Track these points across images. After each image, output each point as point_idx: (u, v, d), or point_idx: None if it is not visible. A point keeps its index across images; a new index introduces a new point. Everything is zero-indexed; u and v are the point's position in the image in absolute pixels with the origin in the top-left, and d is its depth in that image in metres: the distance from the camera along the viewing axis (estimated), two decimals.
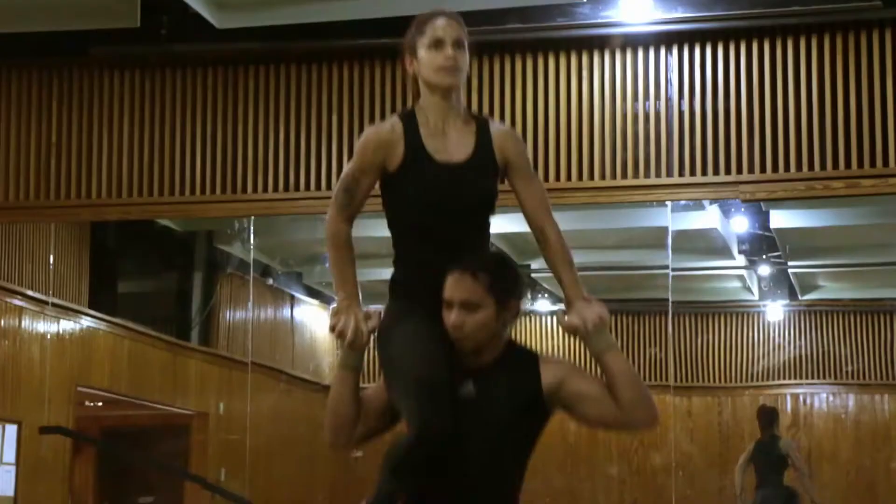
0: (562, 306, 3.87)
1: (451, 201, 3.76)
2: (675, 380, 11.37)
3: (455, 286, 3.69)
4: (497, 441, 3.63)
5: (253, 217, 9.64)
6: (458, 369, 3.65)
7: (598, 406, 3.66)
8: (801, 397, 11.78)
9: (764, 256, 11.46)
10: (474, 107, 8.47)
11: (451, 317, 3.67)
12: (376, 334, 3.77)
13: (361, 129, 8.62)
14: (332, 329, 3.77)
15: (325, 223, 3.89)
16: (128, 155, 8.81)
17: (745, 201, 8.43)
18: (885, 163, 7.92)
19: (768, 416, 10.93)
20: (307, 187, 8.63)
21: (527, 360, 3.74)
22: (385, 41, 8.58)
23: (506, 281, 3.76)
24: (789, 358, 11.89)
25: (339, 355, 3.83)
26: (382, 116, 8.56)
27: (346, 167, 3.95)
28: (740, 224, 11.26)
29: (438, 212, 3.75)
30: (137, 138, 8.82)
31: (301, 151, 8.66)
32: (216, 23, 8.19)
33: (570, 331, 3.73)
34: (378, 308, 3.88)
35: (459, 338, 3.68)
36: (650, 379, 10.97)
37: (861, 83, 8.01)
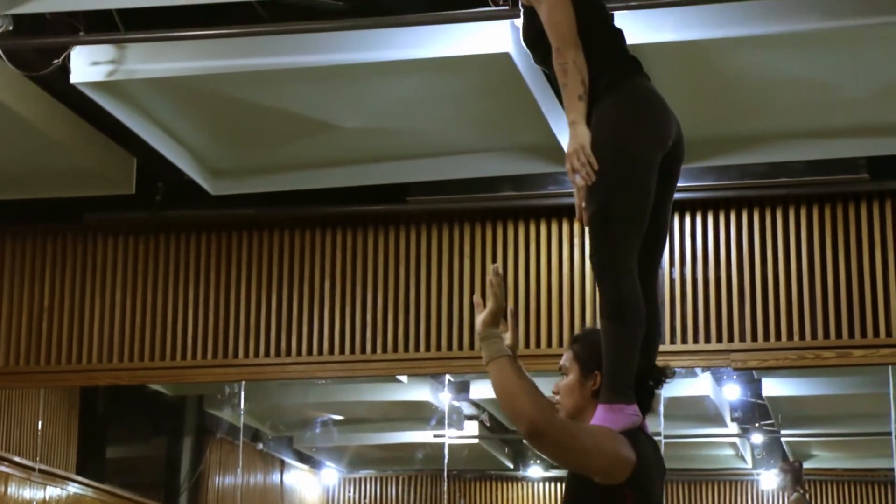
0: (554, 472, 3.89)
1: None
2: None
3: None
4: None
5: (244, 382, 9.61)
6: None
7: None
8: None
9: (756, 424, 11.40)
10: (466, 272, 8.53)
11: None
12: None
13: (354, 296, 8.73)
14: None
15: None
16: (119, 320, 8.82)
17: (736, 369, 8.42)
18: (876, 333, 7.97)
19: None
20: (298, 353, 8.63)
21: None
22: (377, 208, 8.67)
23: (594, 353, 3.78)
24: None
25: (489, 346, 3.71)
26: (374, 282, 8.61)
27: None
28: (732, 392, 11.22)
29: None
30: (129, 303, 8.84)
31: (293, 317, 8.67)
32: (210, 189, 8.27)
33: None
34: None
35: (557, 401, 3.82)
36: None
37: (850, 254, 8.10)
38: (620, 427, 3.62)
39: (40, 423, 10.11)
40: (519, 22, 6.40)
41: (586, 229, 3.81)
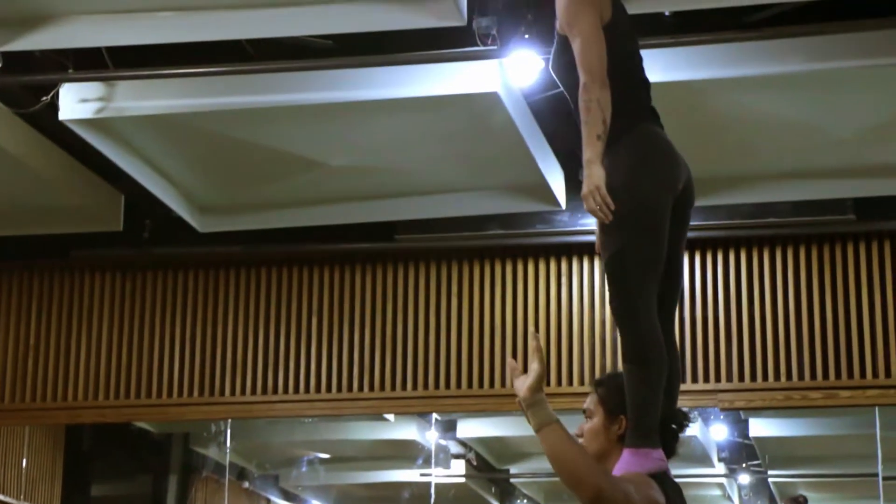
0: None
1: None
2: None
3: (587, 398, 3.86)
4: None
5: (230, 419, 9.58)
6: None
7: None
8: None
9: (744, 465, 11.38)
10: (454, 311, 8.53)
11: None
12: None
13: (341, 334, 8.71)
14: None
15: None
16: (105, 357, 8.79)
17: (723, 409, 8.42)
18: (863, 374, 7.98)
19: None
20: (285, 390, 8.60)
21: None
22: (365, 246, 8.67)
23: (618, 397, 3.77)
24: None
25: (538, 413, 3.65)
26: (362, 320, 8.60)
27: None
28: (720, 432, 11.21)
29: None
30: (116, 341, 8.81)
31: (280, 354, 8.66)
32: (198, 227, 8.27)
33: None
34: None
35: (582, 444, 3.80)
36: None
37: (837, 295, 8.11)
38: (647, 471, 3.63)
39: (25, 460, 10.06)
40: (507, 62, 6.45)
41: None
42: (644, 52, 5.53)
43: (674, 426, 3.80)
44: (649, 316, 3.69)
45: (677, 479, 3.85)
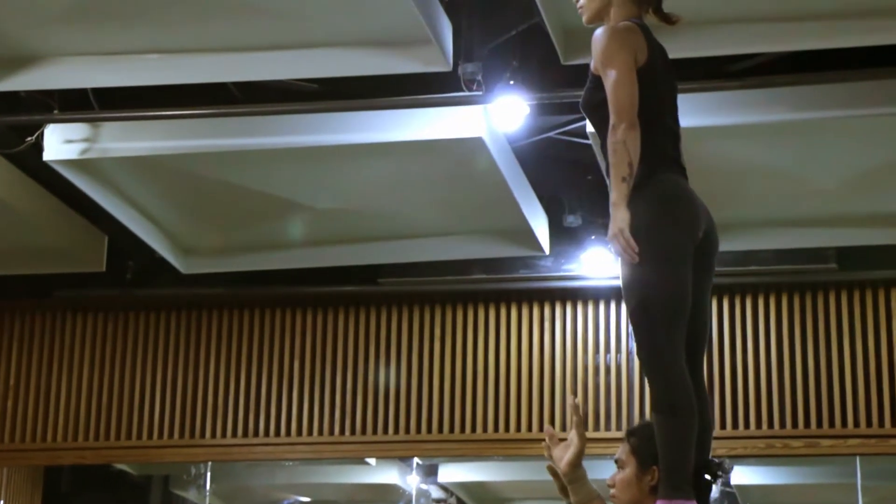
0: None
1: None
2: None
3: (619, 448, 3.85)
4: None
5: (210, 462, 9.54)
6: None
7: None
8: None
9: None
10: (436, 355, 8.52)
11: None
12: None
13: (323, 377, 8.70)
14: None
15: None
16: (86, 398, 8.76)
17: None
18: (844, 423, 7.99)
19: None
20: (266, 433, 8.58)
21: None
22: (348, 289, 8.67)
23: (651, 447, 3.73)
24: None
25: (580, 490, 3.69)
26: (344, 363, 8.59)
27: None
28: None
29: None
30: (97, 381, 8.78)
31: (261, 397, 8.63)
32: (182, 268, 8.26)
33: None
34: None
35: (613, 494, 3.79)
36: None
37: (819, 343, 8.13)
38: None
39: (2, 501, 9.99)
40: (492, 107, 6.47)
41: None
42: None
43: (707, 476, 3.78)
44: (677, 364, 3.66)
45: None
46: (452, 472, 10.24)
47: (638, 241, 3.62)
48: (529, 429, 8.32)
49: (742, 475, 10.50)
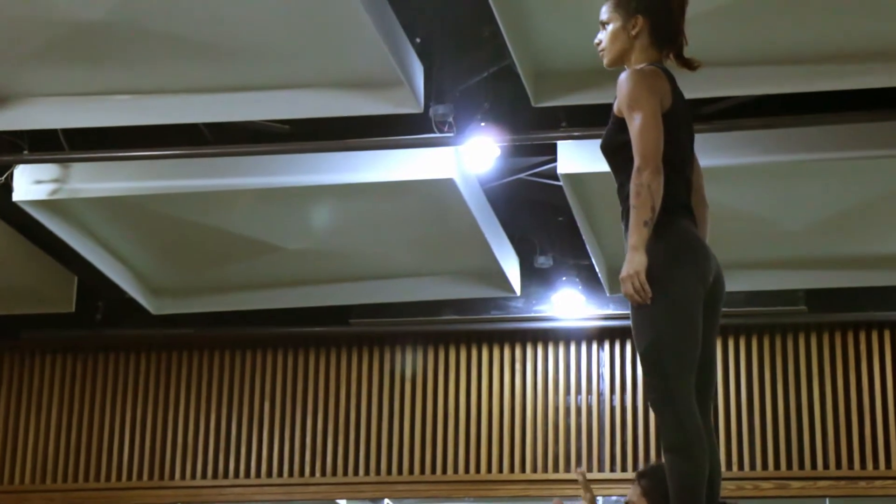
0: None
1: None
2: None
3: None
4: None
5: None
6: None
7: None
8: None
9: None
10: (407, 396, 8.51)
11: None
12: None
13: (293, 417, 8.67)
14: None
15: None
16: (54, 440, 8.70)
17: None
18: (814, 465, 8.00)
19: None
20: (236, 475, 8.53)
21: None
22: (319, 330, 8.65)
23: (662, 488, 3.77)
24: None
25: None
26: (315, 404, 8.56)
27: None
28: None
29: None
30: (65, 423, 8.73)
31: (231, 438, 8.59)
32: (152, 309, 8.22)
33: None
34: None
35: None
36: None
37: (788, 385, 8.16)
38: None
39: None
40: (463, 149, 6.49)
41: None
42: (597, 143, 5.54)
43: None
44: (688, 405, 3.70)
45: None
46: None
47: (652, 286, 3.65)
48: (500, 470, 8.30)
49: None
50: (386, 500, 9.79)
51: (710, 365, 3.91)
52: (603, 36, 3.84)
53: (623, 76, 3.75)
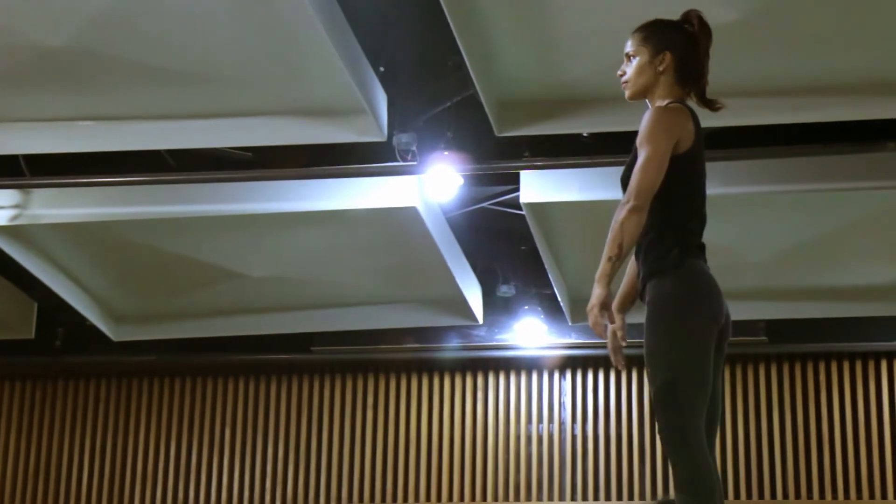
0: None
1: None
2: None
3: None
4: None
5: None
6: None
7: None
8: None
9: None
10: (369, 424, 8.49)
11: None
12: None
13: (254, 445, 8.64)
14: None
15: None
16: (12, 468, 8.64)
17: None
18: (773, 495, 8.03)
19: None
20: (196, 502, 8.49)
21: None
22: (281, 357, 8.62)
23: None
24: None
25: None
26: (276, 432, 8.53)
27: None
28: None
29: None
30: (24, 450, 8.67)
31: (192, 466, 8.55)
32: (112, 335, 8.18)
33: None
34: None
35: None
36: None
37: (749, 415, 8.19)
38: None
39: None
40: (426, 178, 6.49)
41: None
42: (559, 173, 5.56)
43: None
44: (701, 445, 3.72)
45: None
46: None
47: (673, 326, 3.69)
48: (461, 498, 8.29)
49: None
50: None
51: (716, 401, 3.94)
52: (627, 68, 3.84)
53: (650, 111, 3.77)
